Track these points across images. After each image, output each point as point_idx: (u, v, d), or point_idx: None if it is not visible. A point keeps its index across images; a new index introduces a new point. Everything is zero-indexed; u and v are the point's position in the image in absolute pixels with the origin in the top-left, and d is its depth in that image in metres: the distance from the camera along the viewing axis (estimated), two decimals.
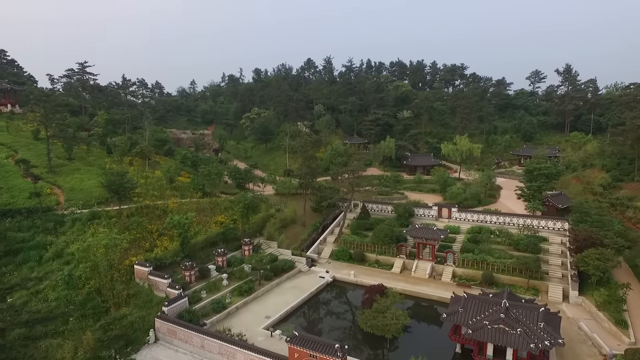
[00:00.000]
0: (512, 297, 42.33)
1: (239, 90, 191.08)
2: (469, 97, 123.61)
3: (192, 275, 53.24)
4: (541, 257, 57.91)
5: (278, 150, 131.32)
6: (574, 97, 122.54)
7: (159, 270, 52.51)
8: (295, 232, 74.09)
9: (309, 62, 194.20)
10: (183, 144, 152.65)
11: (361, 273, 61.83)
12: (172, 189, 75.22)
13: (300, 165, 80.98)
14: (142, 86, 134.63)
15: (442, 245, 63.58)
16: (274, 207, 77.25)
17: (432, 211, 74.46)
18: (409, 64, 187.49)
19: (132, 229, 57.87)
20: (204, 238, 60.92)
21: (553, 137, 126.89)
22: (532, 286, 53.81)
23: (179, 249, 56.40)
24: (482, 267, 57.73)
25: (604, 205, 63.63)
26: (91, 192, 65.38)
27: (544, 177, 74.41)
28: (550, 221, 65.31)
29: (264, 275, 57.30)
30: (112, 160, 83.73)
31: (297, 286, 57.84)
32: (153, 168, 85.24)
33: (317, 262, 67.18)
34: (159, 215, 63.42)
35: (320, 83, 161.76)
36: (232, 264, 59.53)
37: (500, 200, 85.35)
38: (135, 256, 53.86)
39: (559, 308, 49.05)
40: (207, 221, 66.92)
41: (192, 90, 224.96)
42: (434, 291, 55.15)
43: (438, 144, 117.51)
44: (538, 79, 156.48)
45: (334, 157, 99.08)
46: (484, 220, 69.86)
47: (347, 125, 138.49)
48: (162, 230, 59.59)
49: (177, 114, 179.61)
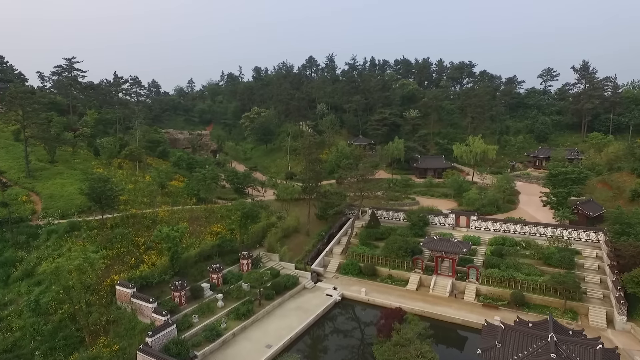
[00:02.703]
0: (557, 328, 35.89)
1: (238, 89, 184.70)
2: (481, 96, 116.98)
3: (183, 296, 46.74)
4: (576, 273, 51.38)
5: (279, 151, 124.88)
6: (592, 95, 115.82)
7: (145, 291, 46.06)
8: (299, 242, 67.63)
9: (311, 60, 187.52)
10: (180, 144, 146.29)
11: (373, 290, 55.40)
12: (163, 195, 68.70)
13: (304, 169, 74.60)
14: (136, 84, 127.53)
15: (463, 259, 57.08)
16: (275, 214, 70.77)
17: (448, 219, 67.93)
18: (414, 62, 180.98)
19: (116, 242, 51.34)
20: (197, 252, 54.42)
21: (569, 137, 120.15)
22: (570, 308, 47.28)
23: (168, 265, 49.89)
24: (510, 285, 51.21)
25: None
26: (72, 200, 58.80)
27: (570, 181, 68.18)
28: (583, 232, 58.70)
29: (264, 294, 50.84)
30: (100, 163, 77.20)
31: (301, 306, 51.37)
32: (144, 171, 78.76)
33: (323, 276, 60.74)
34: (148, 225, 56.90)
35: (323, 81, 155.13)
36: (228, 281, 53.05)
37: (520, 206, 78.69)
38: (118, 274, 47.36)
39: (604, 335, 42.59)
40: (201, 231, 60.42)
41: (190, 89, 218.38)
42: (457, 313, 48.68)
43: (448, 145, 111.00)
44: (550, 77, 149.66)
45: (340, 159, 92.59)
46: (507, 230, 63.27)
47: (351, 125, 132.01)
48: (150, 243, 53.07)
49: (174, 113, 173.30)
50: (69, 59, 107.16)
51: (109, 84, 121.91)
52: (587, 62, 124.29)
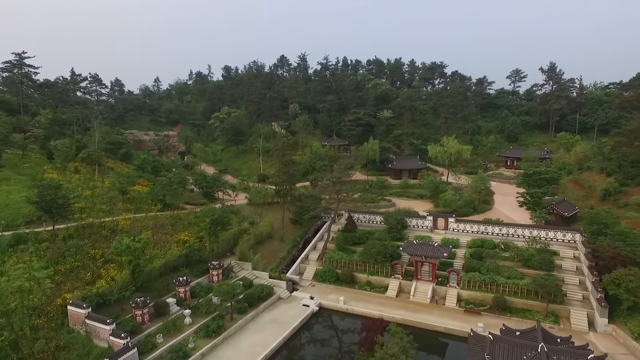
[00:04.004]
0: (546, 337, 34.47)
1: (207, 88, 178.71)
2: (454, 96, 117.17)
3: (146, 313, 42.46)
4: (555, 275, 50.81)
5: (251, 152, 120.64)
6: (559, 96, 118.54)
7: (102, 310, 41.60)
8: (273, 248, 64.27)
9: (282, 60, 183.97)
10: (145, 146, 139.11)
11: (352, 298, 52.90)
12: (125, 202, 63.48)
13: (277, 171, 71.25)
14: (96, 82, 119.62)
15: (443, 263, 55.52)
16: (248, 220, 67.06)
17: (426, 221, 66.43)
18: (386, 62, 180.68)
19: (69, 255, 46.23)
20: (162, 263, 50.05)
21: (538, 137, 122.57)
22: (551, 311, 46.46)
23: (129, 279, 45.38)
24: (492, 289, 50.01)
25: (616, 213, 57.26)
26: (19, 209, 52.82)
27: (544, 181, 68.30)
28: (560, 232, 58.48)
29: (236, 308, 47.23)
30: (53, 167, 70.79)
31: (277, 319, 48.13)
32: (104, 176, 72.95)
33: (299, 285, 57.68)
34: (106, 235, 51.92)
35: (295, 81, 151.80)
36: (197, 294, 49.05)
37: (495, 206, 78.53)
38: (71, 292, 42.50)
39: (587, 339, 41.91)
40: (166, 241, 55.94)
41: (157, 88, 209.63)
42: (439, 320, 46.90)
43: (423, 145, 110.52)
44: (519, 78, 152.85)
45: (314, 160, 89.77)
46: (485, 232, 62.37)
47: (325, 125, 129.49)
48: (109, 256, 48.27)
49: (139, 113, 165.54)
50: (18, 53, 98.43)
51: (65, 82, 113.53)
52: (554, 64, 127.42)
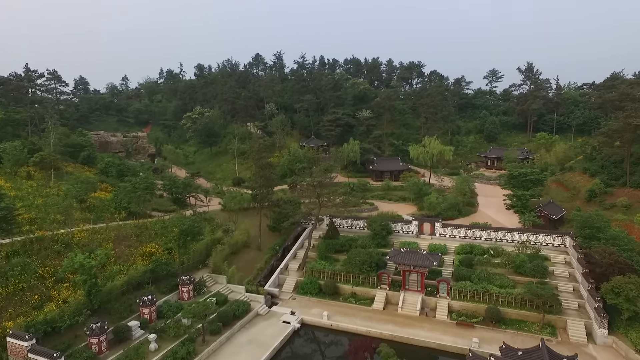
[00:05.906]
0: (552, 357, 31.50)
1: (179, 87, 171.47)
2: (434, 96, 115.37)
3: (103, 341, 37.00)
4: (549, 282, 48.48)
5: (225, 154, 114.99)
6: (537, 96, 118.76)
7: (51, 340, 36.00)
8: (249, 259, 59.56)
9: (258, 58, 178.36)
10: (112, 148, 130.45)
11: (336, 312, 48.93)
12: (84, 211, 57.27)
13: (254, 174, 66.49)
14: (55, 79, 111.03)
15: (431, 271, 52.30)
16: (222, 228, 62.05)
17: (412, 226, 63.23)
18: (363, 62, 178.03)
19: (12, 276, 40.14)
20: (124, 281, 44.53)
21: (516, 137, 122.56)
22: (547, 322, 43.92)
23: (85, 301, 39.79)
24: (484, 299, 47.11)
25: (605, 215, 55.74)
26: None
27: (530, 183, 66.56)
28: (549, 236, 56.43)
29: (209, 329, 42.34)
30: (2, 172, 63.51)
31: (255, 339, 43.56)
32: (61, 182, 66.12)
33: (278, 298, 53.25)
34: (59, 250, 45.87)
35: (271, 79, 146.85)
36: (164, 314, 43.84)
37: (480, 209, 76.39)
38: (13, 319, 36.61)
39: (587, 352, 39.48)
40: (130, 254, 50.30)
41: (125, 87, 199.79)
42: (431, 335, 43.48)
43: (403, 146, 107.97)
44: (495, 78, 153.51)
45: (293, 162, 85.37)
46: (473, 237, 59.67)
47: (303, 126, 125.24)
48: (61, 274, 42.40)
49: (106, 113, 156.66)
50: None
51: (19, 79, 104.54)
52: (532, 64, 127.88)
